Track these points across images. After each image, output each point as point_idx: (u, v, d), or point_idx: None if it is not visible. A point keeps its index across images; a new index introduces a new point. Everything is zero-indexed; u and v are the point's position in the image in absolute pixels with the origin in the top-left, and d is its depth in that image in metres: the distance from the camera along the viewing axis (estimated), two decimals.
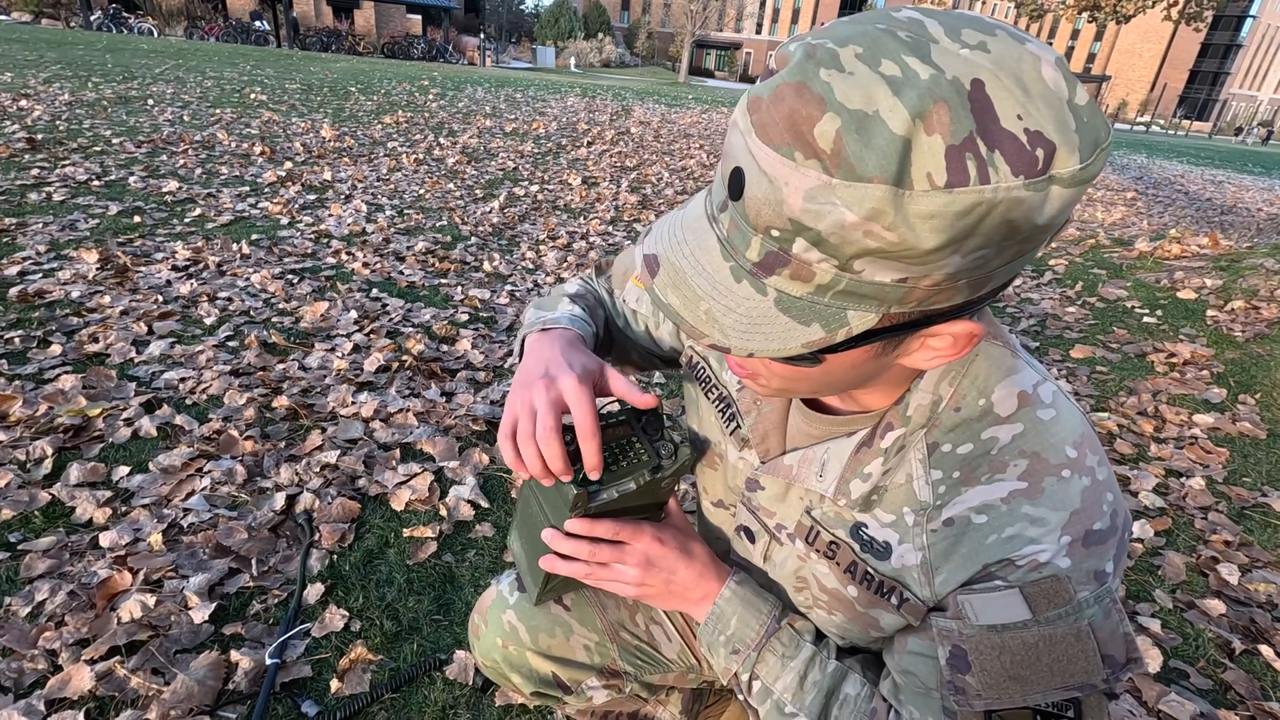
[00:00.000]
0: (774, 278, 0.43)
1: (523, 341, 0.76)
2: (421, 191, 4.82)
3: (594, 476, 0.64)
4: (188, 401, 2.02)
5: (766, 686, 0.67)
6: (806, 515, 0.64)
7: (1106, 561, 0.51)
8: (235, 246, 3.26)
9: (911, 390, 0.56)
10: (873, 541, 0.59)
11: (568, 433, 0.64)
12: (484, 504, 1.78)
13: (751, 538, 0.72)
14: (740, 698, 0.70)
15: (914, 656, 0.58)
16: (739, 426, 0.70)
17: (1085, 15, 10.22)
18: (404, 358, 2.40)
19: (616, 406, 0.72)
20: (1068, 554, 0.50)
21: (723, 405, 0.73)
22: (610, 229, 4.59)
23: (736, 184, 0.42)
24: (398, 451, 1.92)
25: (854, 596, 0.62)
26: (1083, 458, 0.52)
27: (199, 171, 4.52)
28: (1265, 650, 1.53)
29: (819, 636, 0.68)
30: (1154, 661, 1.48)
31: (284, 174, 4.69)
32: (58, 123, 5.29)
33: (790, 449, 0.66)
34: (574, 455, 0.64)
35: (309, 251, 3.37)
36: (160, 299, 2.60)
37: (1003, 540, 0.52)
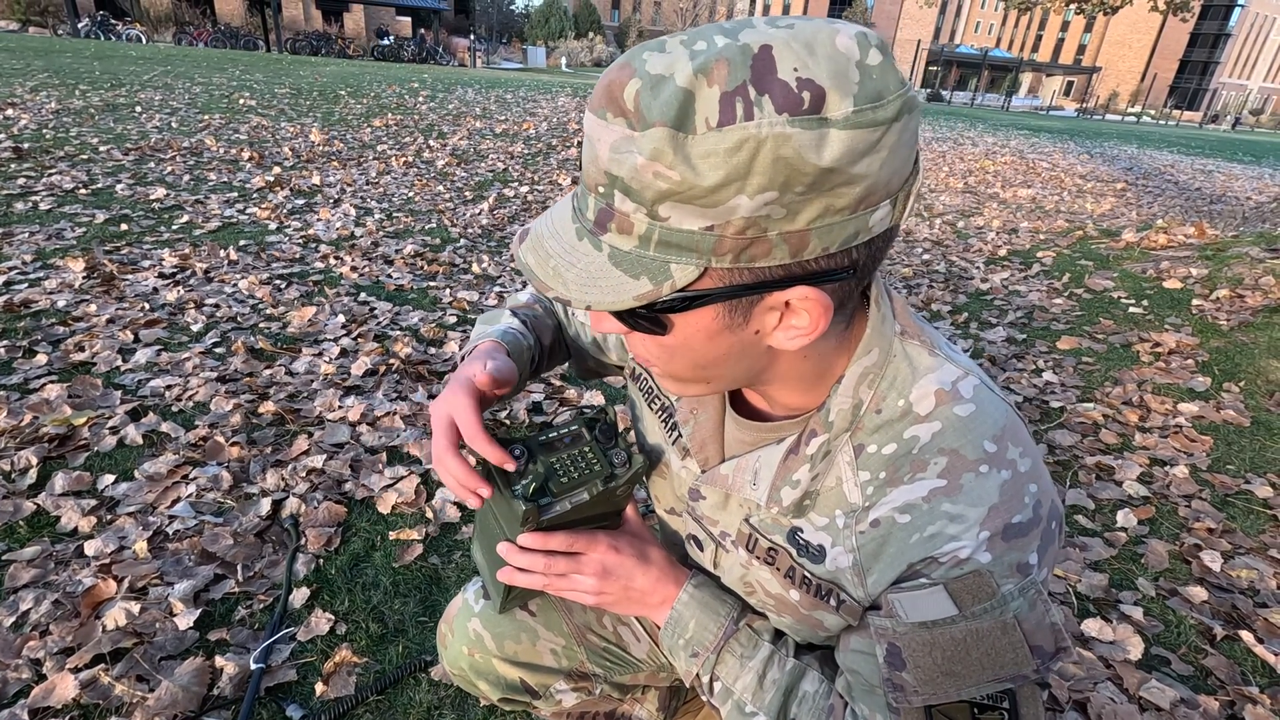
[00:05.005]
0: (607, 234, 0.47)
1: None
2: (411, 194, 4.82)
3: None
4: (174, 408, 2.02)
5: (727, 687, 0.67)
6: (745, 523, 0.65)
7: (1029, 554, 0.51)
8: (223, 252, 3.25)
9: (831, 395, 0.57)
10: (808, 545, 0.60)
11: (516, 445, 0.66)
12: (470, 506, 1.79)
13: (700, 545, 0.73)
14: (704, 698, 0.71)
15: (856, 655, 0.59)
16: (680, 436, 0.71)
17: (1073, 7, 10.24)
18: (391, 361, 2.40)
19: (595, 406, 0.73)
20: (988, 549, 0.51)
21: (665, 415, 0.74)
22: None
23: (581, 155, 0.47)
24: (384, 454, 1.93)
25: (796, 600, 0.63)
26: (1002, 451, 0.53)
27: (187, 178, 4.51)
28: (1246, 635, 1.54)
29: (777, 635, 0.69)
30: (1135, 649, 1.49)
31: (272, 179, 4.68)
32: (45, 131, 5.27)
33: (729, 457, 0.67)
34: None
35: (297, 256, 3.37)
36: (147, 306, 2.60)
37: (925, 539, 0.53)
